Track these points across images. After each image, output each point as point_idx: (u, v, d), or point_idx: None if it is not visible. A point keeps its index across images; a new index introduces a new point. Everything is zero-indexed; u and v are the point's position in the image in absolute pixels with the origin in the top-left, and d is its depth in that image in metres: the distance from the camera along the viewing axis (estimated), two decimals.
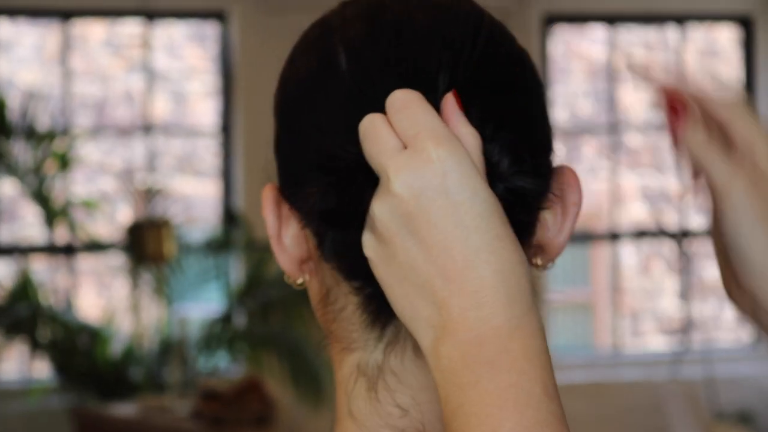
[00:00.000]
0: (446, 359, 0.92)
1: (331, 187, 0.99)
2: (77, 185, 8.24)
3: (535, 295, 0.94)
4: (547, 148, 1.06)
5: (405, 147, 0.95)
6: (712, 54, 9.31)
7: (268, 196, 1.08)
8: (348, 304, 1.05)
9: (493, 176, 0.98)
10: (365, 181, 0.97)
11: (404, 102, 0.96)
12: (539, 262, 1.08)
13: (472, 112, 0.99)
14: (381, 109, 0.98)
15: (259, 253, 7.70)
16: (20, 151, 7.67)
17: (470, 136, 0.96)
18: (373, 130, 0.96)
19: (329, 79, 1.04)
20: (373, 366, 1.04)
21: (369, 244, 0.98)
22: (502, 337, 0.91)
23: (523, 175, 0.99)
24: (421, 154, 0.94)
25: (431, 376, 0.99)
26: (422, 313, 0.95)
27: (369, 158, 0.96)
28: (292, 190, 1.06)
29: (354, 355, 1.06)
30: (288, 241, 1.07)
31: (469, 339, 0.91)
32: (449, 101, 0.97)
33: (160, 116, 8.48)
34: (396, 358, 1.04)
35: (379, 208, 0.96)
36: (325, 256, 1.04)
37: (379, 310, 1.01)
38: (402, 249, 0.95)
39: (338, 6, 1.10)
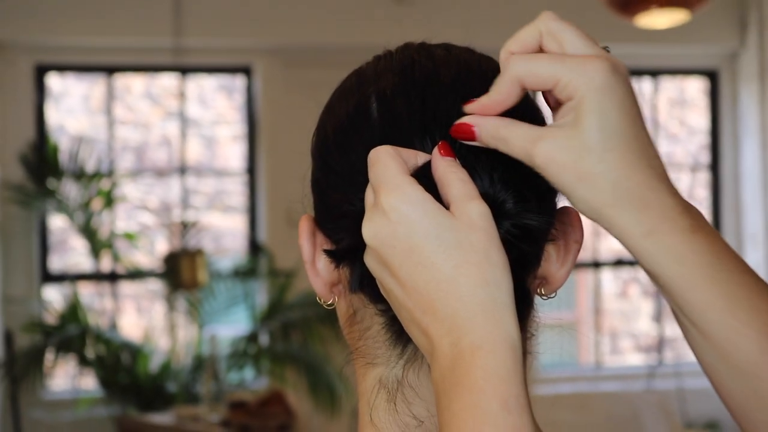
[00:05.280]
0: (435, 383, 0.93)
1: (350, 228, 1.00)
2: (120, 220, 8.25)
3: (505, 310, 0.91)
4: (552, 191, 1.04)
5: None
6: (681, 103, 9.32)
7: (305, 226, 1.09)
8: (373, 324, 1.06)
9: (500, 214, 0.97)
10: None
11: (373, 159, 0.97)
12: (543, 291, 1.08)
13: (483, 158, 0.99)
14: None
15: (281, 279, 7.70)
16: (70, 190, 7.69)
17: (452, 174, 0.95)
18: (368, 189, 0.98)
19: (362, 124, 1.04)
20: (393, 380, 1.05)
21: (379, 285, 0.99)
22: (466, 359, 0.90)
23: (528, 213, 0.99)
24: (377, 206, 0.95)
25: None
26: (420, 341, 0.96)
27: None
28: (326, 223, 1.07)
29: (376, 370, 1.07)
30: (321, 266, 1.08)
31: (446, 364, 0.91)
32: (437, 149, 0.97)
33: (193, 159, 8.49)
34: (414, 373, 1.05)
35: (366, 259, 0.98)
36: (353, 283, 1.04)
37: (402, 330, 1.01)
38: (388, 288, 0.97)
39: (373, 60, 1.11)
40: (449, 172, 0.95)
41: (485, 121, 0.97)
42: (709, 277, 0.94)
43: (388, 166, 0.95)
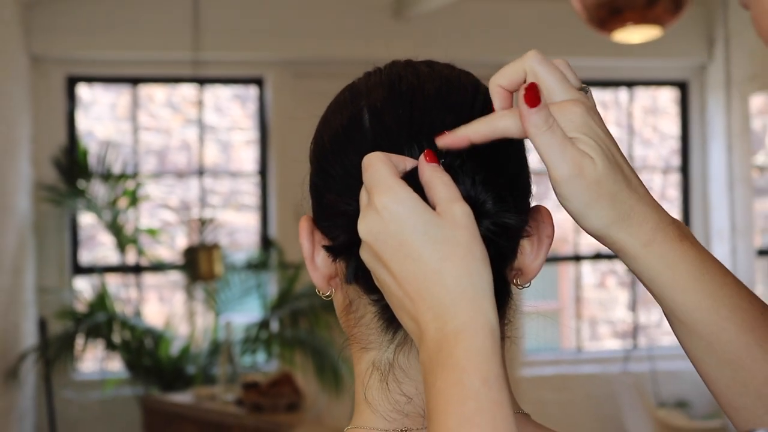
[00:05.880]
0: (423, 364, 0.94)
1: (346, 226, 1.01)
2: (144, 217, 8.25)
3: (485, 298, 0.93)
4: (527, 192, 1.08)
5: None
6: (654, 111, 9.31)
7: (304, 225, 1.10)
8: (367, 312, 1.07)
9: (481, 213, 0.99)
10: None
11: (367, 163, 0.98)
12: (518, 282, 1.09)
13: (467, 164, 1.00)
14: None
15: (290, 271, 7.70)
16: (98, 190, 7.69)
17: (437, 178, 0.96)
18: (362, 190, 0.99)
19: (356, 134, 1.06)
20: (385, 362, 1.06)
21: (371, 274, 1.00)
22: (450, 341, 0.91)
23: (505, 213, 1.00)
24: (371, 206, 0.96)
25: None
26: (407, 325, 0.97)
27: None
28: (323, 222, 1.08)
29: (370, 354, 1.08)
30: (319, 261, 1.09)
31: (432, 346, 0.93)
32: (423, 156, 0.98)
33: (210, 161, 8.49)
34: (404, 356, 1.06)
35: (362, 253, 0.99)
36: (349, 275, 1.05)
37: (393, 317, 1.02)
38: (381, 279, 0.98)
39: (364, 75, 1.12)
40: (435, 176, 0.96)
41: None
42: (696, 280, 1.00)
43: (380, 170, 0.97)
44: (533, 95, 0.97)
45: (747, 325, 1.01)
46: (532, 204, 1.10)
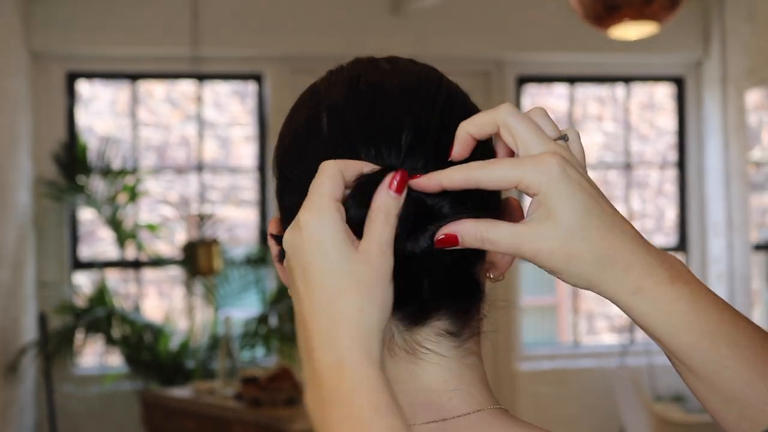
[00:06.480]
0: (308, 401, 0.91)
1: None
2: (143, 213, 8.26)
3: (371, 337, 0.90)
4: (493, 193, 1.03)
5: None
6: (651, 107, 9.32)
7: (273, 227, 1.09)
8: None
9: (439, 217, 0.97)
10: None
11: (319, 171, 0.95)
12: (491, 275, 1.07)
13: (430, 162, 0.99)
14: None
15: None
16: (98, 185, 7.69)
17: (381, 215, 0.93)
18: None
19: (313, 135, 1.03)
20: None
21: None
22: (333, 376, 0.88)
23: (463, 216, 0.98)
24: (297, 220, 0.93)
25: (403, 371, 1.02)
26: (302, 356, 0.94)
27: None
28: (286, 225, 1.03)
29: None
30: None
31: (312, 383, 0.90)
32: (391, 178, 0.94)
33: (209, 157, 8.49)
34: (387, 359, 1.03)
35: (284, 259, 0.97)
36: None
37: None
38: (292, 292, 0.95)
39: (326, 74, 1.10)
40: (381, 212, 0.94)
41: (467, 228, 0.97)
42: (691, 322, 0.97)
43: (322, 185, 0.93)
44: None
45: (748, 361, 0.98)
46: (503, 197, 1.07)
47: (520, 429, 1.04)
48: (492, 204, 1.03)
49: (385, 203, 0.94)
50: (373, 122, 1.01)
